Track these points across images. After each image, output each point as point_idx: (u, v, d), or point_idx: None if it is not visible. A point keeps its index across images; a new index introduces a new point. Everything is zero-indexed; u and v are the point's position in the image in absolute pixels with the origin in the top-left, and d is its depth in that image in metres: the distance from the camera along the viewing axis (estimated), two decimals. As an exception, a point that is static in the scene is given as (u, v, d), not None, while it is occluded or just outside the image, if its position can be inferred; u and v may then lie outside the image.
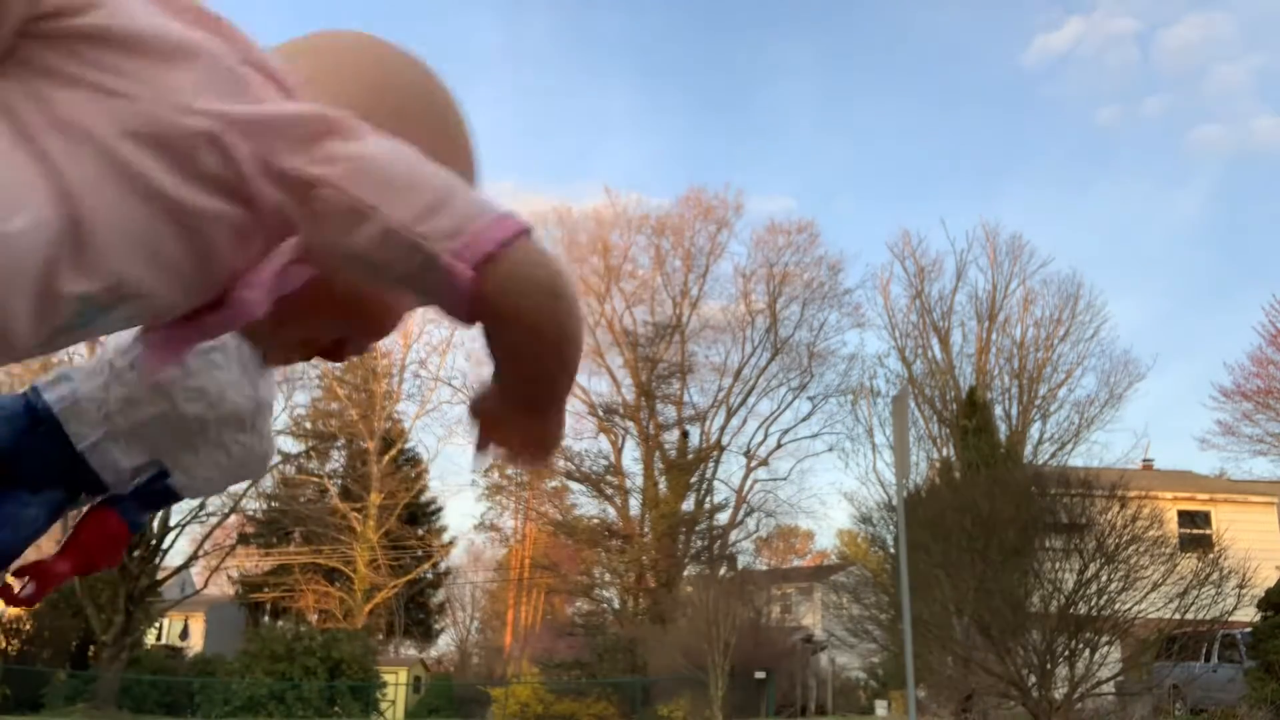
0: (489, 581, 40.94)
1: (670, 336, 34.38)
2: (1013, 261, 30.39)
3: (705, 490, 34.13)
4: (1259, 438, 25.89)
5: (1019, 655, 12.86)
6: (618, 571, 34.32)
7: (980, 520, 13.57)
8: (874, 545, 22.76)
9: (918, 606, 12.17)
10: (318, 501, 34.02)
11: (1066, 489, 14.76)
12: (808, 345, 33.50)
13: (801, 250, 33.81)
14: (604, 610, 34.28)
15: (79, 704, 22.55)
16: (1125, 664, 14.42)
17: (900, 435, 11.35)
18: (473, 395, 0.81)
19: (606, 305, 34.39)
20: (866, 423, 29.96)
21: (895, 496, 13.93)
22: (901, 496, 11.95)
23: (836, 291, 33.43)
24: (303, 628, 27.93)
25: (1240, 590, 13.39)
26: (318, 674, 24.11)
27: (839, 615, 23.38)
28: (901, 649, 11.97)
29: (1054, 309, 30.02)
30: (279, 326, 0.81)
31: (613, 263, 34.64)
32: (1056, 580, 12.99)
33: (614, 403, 34.72)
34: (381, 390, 33.45)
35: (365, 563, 31.73)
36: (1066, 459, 26.82)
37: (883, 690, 26.03)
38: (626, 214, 34.90)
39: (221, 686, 24.29)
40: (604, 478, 34.76)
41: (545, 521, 36.97)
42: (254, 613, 34.35)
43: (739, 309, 34.15)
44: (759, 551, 38.44)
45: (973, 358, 29.70)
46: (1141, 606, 13.03)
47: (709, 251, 34.63)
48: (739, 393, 33.96)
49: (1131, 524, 13.29)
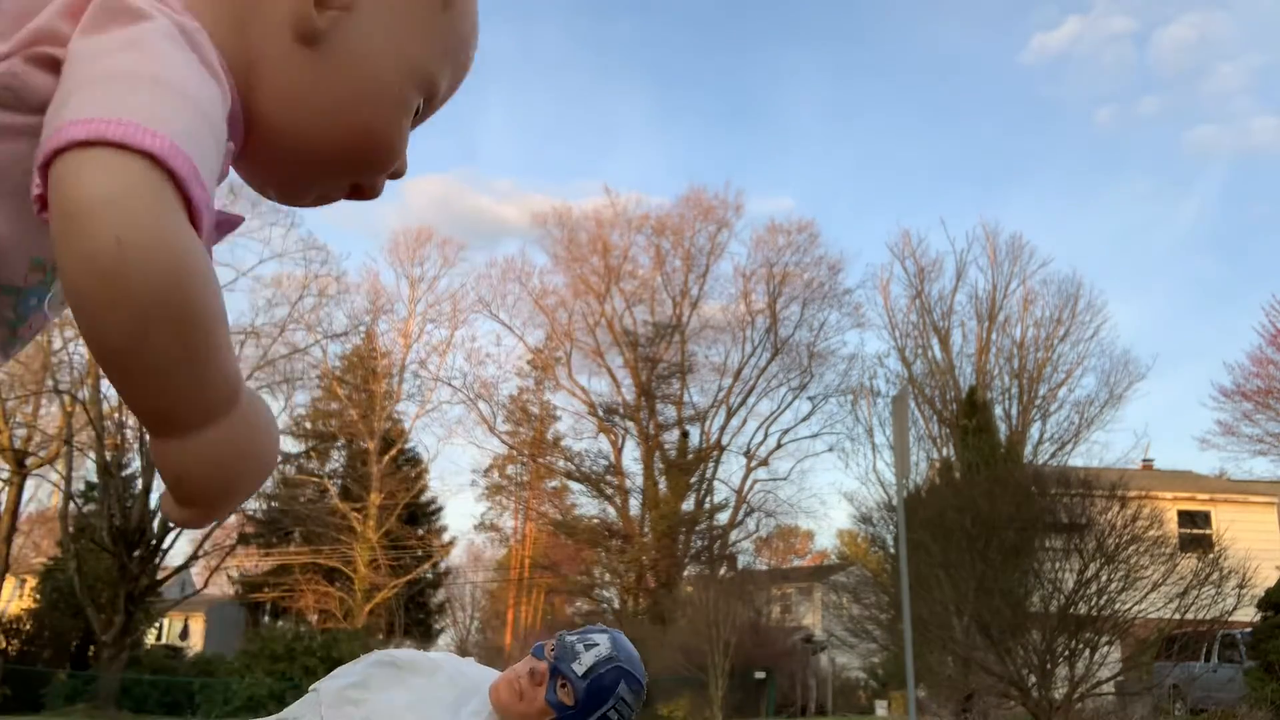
0: (489, 581, 40.95)
1: (670, 336, 34.39)
2: (1013, 261, 30.44)
3: (705, 490, 34.15)
4: (1259, 438, 25.86)
5: (1019, 655, 12.85)
6: (618, 571, 34.32)
7: (980, 520, 13.58)
8: (874, 545, 22.77)
9: (918, 606, 12.18)
10: (318, 501, 34.00)
11: (1066, 489, 14.76)
12: (808, 345, 33.53)
13: (801, 250, 33.85)
14: (604, 610, 34.27)
15: (79, 704, 22.56)
16: (1125, 664, 14.42)
17: (900, 435, 11.35)
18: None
19: (606, 305, 34.43)
20: (866, 423, 29.94)
21: (895, 496, 13.93)
22: (901, 496, 11.94)
23: (836, 291, 33.47)
24: (303, 628, 27.94)
25: (1240, 590, 13.39)
26: (318, 674, 23.62)
27: (839, 615, 23.40)
28: (901, 649, 11.97)
29: (1054, 309, 30.07)
30: (285, 195, 0.79)
31: (613, 263, 34.65)
32: (1056, 580, 12.99)
33: (614, 403, 34.75)
34: (381, 390, 33.44)
35: (365, 563, 31.71)
36: (1066, 459, 26.85)
37: (883, 690, 26.03)
38: (626, 214, 34.93)
39: (221, 686, 24.29)
40: (604, 478, 34.78)
41: (545, 521, 36.97)
42: (254, 613, 34.34)
43: (739, 309, 34.19)
44: (759, 551, 38.46)
45: (973, 358, 29.71)
46: (1141, 606, 13.03)
47: (709, 251, 34.67)
48: (739, 393, 34.00)
49: (1131, 524, 13.29)
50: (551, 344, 35.49)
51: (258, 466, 0.62)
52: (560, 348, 35.23)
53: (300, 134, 0.74)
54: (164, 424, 0.58)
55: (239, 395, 0.60)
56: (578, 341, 34.79)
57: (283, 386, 31.01)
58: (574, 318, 34.81)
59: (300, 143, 0.74)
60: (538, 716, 1.80)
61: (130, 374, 0.55)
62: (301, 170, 0.77)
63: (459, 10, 0.80)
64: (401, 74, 0.76)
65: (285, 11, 0.72)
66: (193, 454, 0.58)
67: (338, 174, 0.78)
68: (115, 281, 0.52)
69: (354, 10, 0.74)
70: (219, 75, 0.64)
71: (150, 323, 0.53)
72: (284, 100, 0.72)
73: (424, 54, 0.78)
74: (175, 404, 0.57)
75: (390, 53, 0.75)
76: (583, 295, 34.58)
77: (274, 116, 0.73)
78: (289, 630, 26.92)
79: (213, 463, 0.59)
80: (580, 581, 35.25)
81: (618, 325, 34.41)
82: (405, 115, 0.78)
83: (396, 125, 0.78)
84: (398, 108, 0.77)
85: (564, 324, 34.95)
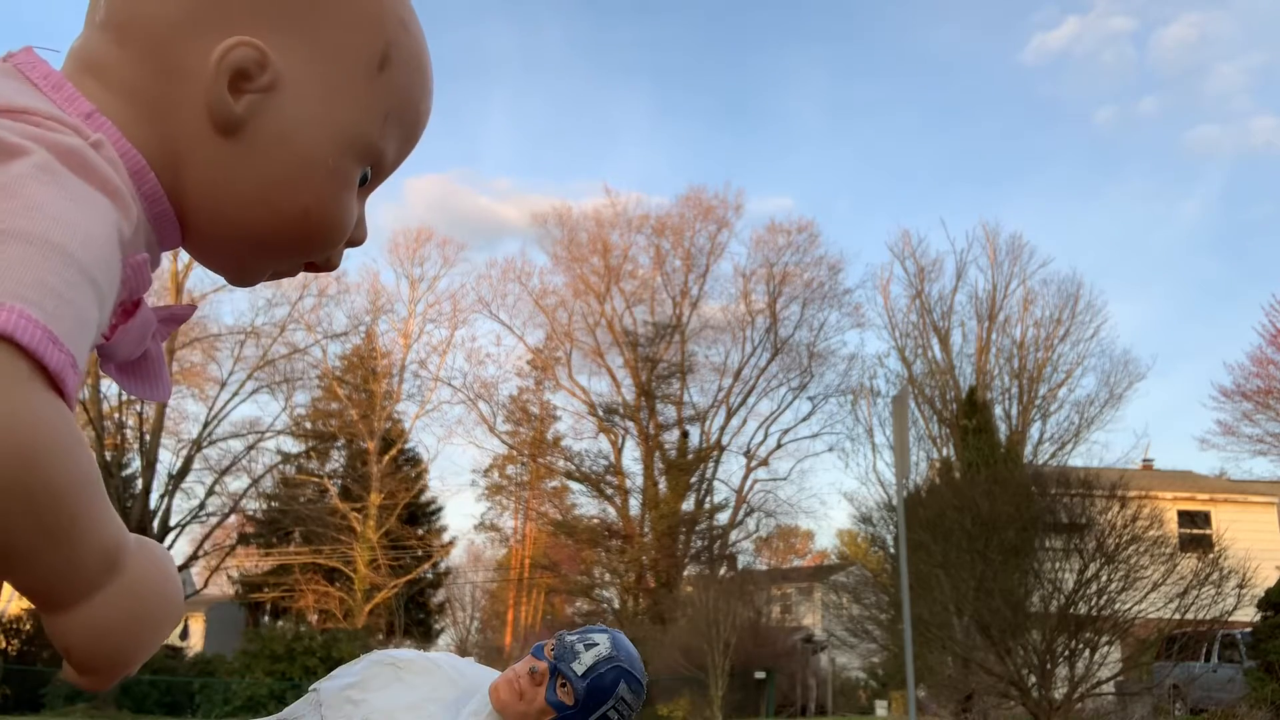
0: (489, 581, 40.95)
1: (670, 336, 34.41)
2: (1012, 261, 30.46)
3: (705, 490, 34.17)
4: (1259, 438, 25.90)
5: (1019, 655, 12.86)
6: (618, 571, 34.33)
7: (980, 520, 13.58)
8: (874, 545, 22.78)
9: (918, 606, 12.18)
10: (318, 501, 34.00)
11: (1066, 489, 14.77)
12: (808, 345, 33.54)
13: (801, 250, 33.86)
14: (604, 610, 34.27)
15: (79, 704, 22.57)
16: (1125, 664, 14.44)
17: (900, 435, 11.35)
18: None
19: (606, 305, 34.44)
20: (866, 423, 29.98)
21: (895, 496, 13.93)
22: (901, 496, 11.94)
23: (836, 291, 33.49)
24: (303, 628, 27.94)
25: (1240, 590, 13.40)
26: (318, 674, 23.90)
27: (839, 615, 23.39)
28: (901, 649, 11.97)
29: (1054, 309, 30.08)
30: (235, 280, 0.76)
31: (613, 263, 34.66)
32: (1056, 580, 13.00)
33: (614, 403, 34.76)
34: (381, 390, 33.45)
35: (365, 563, 31.72)
36: (1066, 459, 26.87)
37: (883, 690, 26.04)
38: (626, 214, 34.96)
39: (221, 686, 24.30)
40: (604, 478, 34.79)
41: (545, 521, 36.99)
42: (254, 613, 34.34)
43: (739, 309, 34.20)
44: (759, 551, 38.47)
45: (973, 358, 29.72)
46: (1141, 606, 13.04)
47: (709, 251, 34.68)
48: (739, 393, 34.01)
49: (1131, 524, 13.31)
50: (551, 344, 35.54)
51: (152, 627, 0.58)
52: (560, 348, 35.28)
53: (233, 223, 0.71)
54: (39, 602, 0.54)
55: (120, 561, 0.56)
56: (578, 341, 34.84)
57: (283, 386, 31.07)
58: (574, 318, 34.86)
59: (234, 231, 0.71)
60: (538, 716, 1.80)
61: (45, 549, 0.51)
62: (243, 257, 0.74)
63: (398, 68, 0.74)
64: (337, 147, 0.72)
65: (202, 99, 0.67)
66: (77, 627, 0.54)
67: (281, 257, 0.75)
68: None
69: (275, 89, 0.69)
70: (116, 190, 0.60)
71: (2, 514, 0.48)
72: (210, 191, 0.69)
73: (361, 121, 0.73)
74: (46, 585, 0.53)
75: (321, 126, 0.71)
76: (583, 295, 34.63)
77: (203, 208, 0.70)
78: (289, 630, 26.92)
79: (99, 633, 0.55)
80: (580, 581, 35.26)
81: (618, 325, 34.45)
82: (347, 189, 0.74)
83: (337, 201, 0.73)
84: (336, 183, 0.73)
85: (564, 324, 35.01)
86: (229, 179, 0.69)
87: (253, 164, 0.70)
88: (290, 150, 0.70)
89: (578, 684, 1.80)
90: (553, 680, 1.81)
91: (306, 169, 0.71)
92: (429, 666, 1.91)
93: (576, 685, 1.80)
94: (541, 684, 1.81)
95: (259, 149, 0.69)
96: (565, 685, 1.81)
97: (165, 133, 0.68)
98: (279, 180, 0.70)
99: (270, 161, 0.70)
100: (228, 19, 0.69)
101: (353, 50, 0.72)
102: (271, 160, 0.70)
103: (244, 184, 0.70)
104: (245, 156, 0.69)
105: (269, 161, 0.70)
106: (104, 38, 0.70)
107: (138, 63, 0.69)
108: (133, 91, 0.68)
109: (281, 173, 0.70)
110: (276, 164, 0.70)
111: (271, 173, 0.70)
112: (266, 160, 0.70)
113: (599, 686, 1.81)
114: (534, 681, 1.81)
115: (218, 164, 0.69)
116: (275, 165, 0.70)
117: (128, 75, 0.69)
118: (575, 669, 1.81)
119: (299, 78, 0.70)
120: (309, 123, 0.71)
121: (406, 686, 1.86)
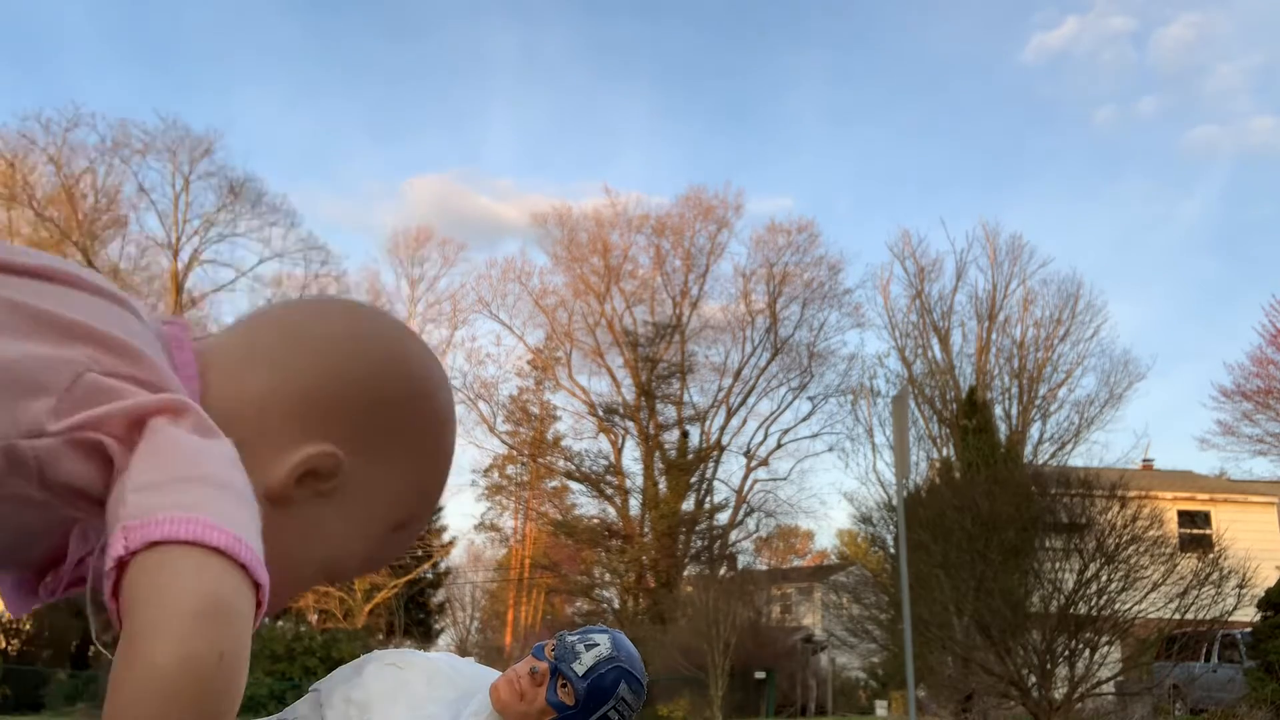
0: (489, 581, 40.96)
1: (670, 336, 34.40)
2: (1012, 261, 30.44)
3: (705, 490, 34.17)
4: (1259, 438, 25.91)
5: (1019, 655, 12.87)
6: (618, 571, 34.33)
7: (980, 520, 13.59)
8: (874, 545, 22.80)
9: (918, 606, 12.19)
10: (318, 501, 34.01)
11: (1066, 489, 14.78)
12: (808, 345, 33.53)
13: (801, 250, 33.84)
14: (604, 610, 34.27)
15: (79, 704, 22.58)
16: (1125, 664, 14.44)
17: (900, 435, 11.35)
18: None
19: (606, 305, 34.44)
20: (866, 423, 29.93)
21: (895, 496, 13.94)
22: (901, 496, 11.95)
23: (836, 291, 33.46)
24: (303, 628, 27.95)
25: (1240, 590, 13.40)
26: (318, 674, 24.03)
27: (839, 615, 23.42)
28: (901, 649, 11.98)
29: (1054, 309, 30.06)
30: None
31: (613, 263, 34.65)
32: (1056, 580, 13.00)
33: (614, 403, 34.75)
34: (381, 390, 33.44)
35: (365, 563, 31.70)
36: (1066, 459, 26.86)
37: (883, 690, 26.03)
38: (626, 214, 34.94)
39: (221, 686, 24.29)
40: (604, 478, 34.79)
41: (545, 521, 36.98)
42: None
43: (739, 309, 34.19)
44: (759, 551, 38.48)
45: (973, 358, 29.72)
46: (1141, 606, 13.04)
47: (709, 251, 34.66)
48: (739, 393, 34.00)
49: (1131, 524, 13.31)
50: (551, 344, 35.53)
51: None
52: (560, 348, 35.27)
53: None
54: None
55: None
56: (578, 341, 34.84)
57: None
58: (574, 318, 34.85)
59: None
60: (538, 716, 1.81)
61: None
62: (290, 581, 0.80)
63: (406, 536, 0.84)
64: (325, 566, 0.79)
65: (273, 466, 0.74)
66: None
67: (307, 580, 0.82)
68: (198, 690, 0.55)
69: (327, 500, 0.77)
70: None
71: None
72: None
73: (350, 557, 0.80)
74: None
75: (329, 547, 0.79)
76: (583, 295, 34.63)
77: None
78: (289, 630, 26.92)
79: None
80: (580, 581, 35.26)
81: (618, 325, 34.45)
82: (304, 589, 0.81)
83: (294, 595, 0.80)
84: (298, 587, 0.80)
85: (564, 324, 35.00)
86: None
87: (264, 536, 0.74)
88: (298, 551, 0.77)
89: (578, 684, 1.80)
90: (553, 680, 1.81)
91: (292, 570, 0.77)
92: (429, 667, 1.92)
93: (577, 685, 1.80)
94: (542, 684, 1.81)
95: (278, 530, 0.74)
96: (566, 685, 1.81)
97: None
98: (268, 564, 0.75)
99: (276, 546, 0.73)
100: (327, 428, 0.76)
101: (385, 507, 0.80)
102: (278, 546, 0.73)
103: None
104: (265, 524, 0.74)
105: (275, 545, 0.73)
106: (241, 367, 0.77)
107: (249, 405, 0.76)
108: (229, 420, 0.73)
109: (275, 562, 0.73)
110: (279, 553, 0.73)
111: (268, 553, 0.73)
112: (274, 542, 0.73)
113: (599, 687, 1.81)
114: (534, 682, 1.81)
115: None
116: (278, 553, 0.73)
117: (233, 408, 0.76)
118: (576, 669, 1.81)
119: (344, 504, 0.78)
120: (324, 540, 0.78)
121: (406, 687, 1.86)
